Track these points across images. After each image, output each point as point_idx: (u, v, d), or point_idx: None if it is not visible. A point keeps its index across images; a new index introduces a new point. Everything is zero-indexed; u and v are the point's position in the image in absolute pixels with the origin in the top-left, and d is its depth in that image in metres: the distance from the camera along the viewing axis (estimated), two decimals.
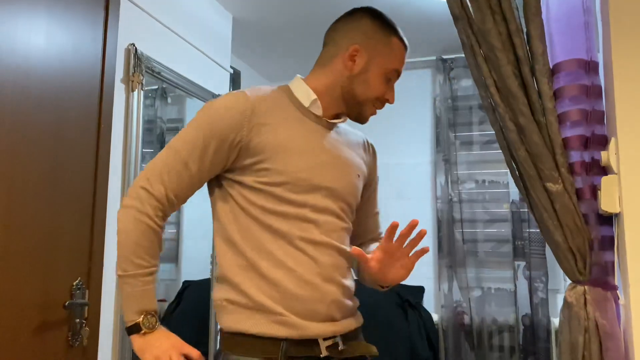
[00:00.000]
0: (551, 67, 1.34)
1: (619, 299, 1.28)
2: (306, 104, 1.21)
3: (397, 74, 1.25)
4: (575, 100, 1.29)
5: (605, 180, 1.26)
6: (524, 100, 1.31)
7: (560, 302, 3.27)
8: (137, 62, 2.08)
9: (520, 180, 1.36)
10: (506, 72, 1.33)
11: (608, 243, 1.30)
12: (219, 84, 2.87)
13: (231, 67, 3.04)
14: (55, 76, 1.71)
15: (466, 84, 3.53)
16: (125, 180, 2.04)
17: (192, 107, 2.67)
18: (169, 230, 2.62)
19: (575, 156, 1.29)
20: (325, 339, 1.12)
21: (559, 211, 1.26)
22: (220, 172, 1.17)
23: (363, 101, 1.22)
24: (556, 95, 1.32)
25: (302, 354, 1.10)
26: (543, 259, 3.18)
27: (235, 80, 3.16)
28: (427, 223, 3.63)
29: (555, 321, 3.16)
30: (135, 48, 2.09)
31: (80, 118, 1.81)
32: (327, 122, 1.24)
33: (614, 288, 1.28)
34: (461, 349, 3.24)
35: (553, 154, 1.29)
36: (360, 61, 1.20)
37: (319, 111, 1.22)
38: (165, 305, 2.61)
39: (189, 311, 2.68)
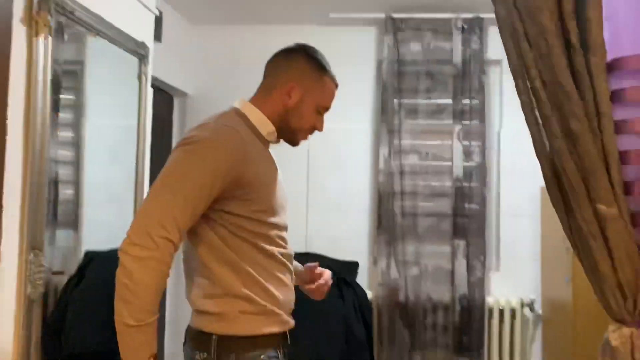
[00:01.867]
0: (609, 61, 1.10)
1: None
2: (264, 133, 1.39)
3: (327, 108, 1.46)
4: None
5: None
6: (578, 100, 1.07)
7: (494, 280, 3.26)
8: None
9: (561, 198, 1.13)
10: (559, 63, 1.07)
11: None
12: (142, 27, 2.35)
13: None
14: None
15: (415, 48, 3.27)
16: (29, 152, 1.55)
17: (97, 48, 2.13)
18: (66, 191, 2.15)
19: (632, 174, 1.08)
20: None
21: (612, 240, 1.05)
22: None
23: (296, 130, 1.43)
24: (613, 97, 1.09)
25: (286, 343, 1.39)
26: (482, 238, 3.12)
27: (157, 25, 2.63)
28: (364, 195, 3.41)
29: (490, 300, 3.14)
30: None
31: None
32: (269, 143, 1.43)
33: None
34: (395, 327, 3.14)
35: (608, 168, 1.07)
36: (295, 97, 1.39)
37: (272, 139, 1.42)
38: (65, 278, 2.17)
39: (98, 289, 2.26)
